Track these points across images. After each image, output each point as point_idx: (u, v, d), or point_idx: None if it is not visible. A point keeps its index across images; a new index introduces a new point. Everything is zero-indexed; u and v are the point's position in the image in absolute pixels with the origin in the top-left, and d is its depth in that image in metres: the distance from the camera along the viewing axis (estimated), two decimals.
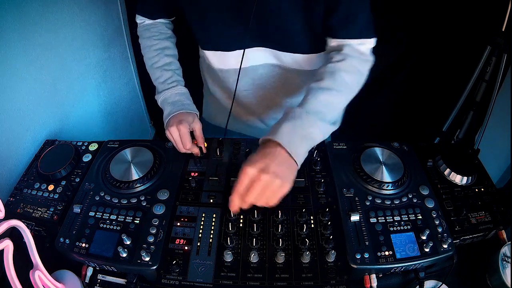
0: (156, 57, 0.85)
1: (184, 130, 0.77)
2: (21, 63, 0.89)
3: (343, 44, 0.74)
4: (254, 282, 0.64)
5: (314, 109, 0.66)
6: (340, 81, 0.70)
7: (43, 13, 0.95)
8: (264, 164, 0.60)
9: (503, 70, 1.19)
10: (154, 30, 0.88)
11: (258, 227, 0.71)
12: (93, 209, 0.74)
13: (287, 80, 0.89)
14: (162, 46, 0.87)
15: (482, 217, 0.74)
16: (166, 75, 0.84)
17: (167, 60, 0.86)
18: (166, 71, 0.84)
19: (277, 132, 0.63)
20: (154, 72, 0.85)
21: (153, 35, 0.87)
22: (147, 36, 0.88)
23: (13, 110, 0.88)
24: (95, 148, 0.89)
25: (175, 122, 0.78)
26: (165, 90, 0.83)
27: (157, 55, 0.85)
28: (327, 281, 0.64)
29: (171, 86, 0.83)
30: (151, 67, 0.86)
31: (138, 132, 1.77)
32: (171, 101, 0.82)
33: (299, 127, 0.64)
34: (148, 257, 0.66)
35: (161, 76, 0.84)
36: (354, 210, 0.72)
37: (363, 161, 0.79)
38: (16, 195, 0.79)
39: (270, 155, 0.61)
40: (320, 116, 0.66)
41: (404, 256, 0.66)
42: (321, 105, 0.67)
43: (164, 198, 0.76)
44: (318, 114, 0.66)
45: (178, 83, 0.84)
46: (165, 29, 0.90)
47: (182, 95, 0.84)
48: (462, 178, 0.79)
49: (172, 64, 0.86)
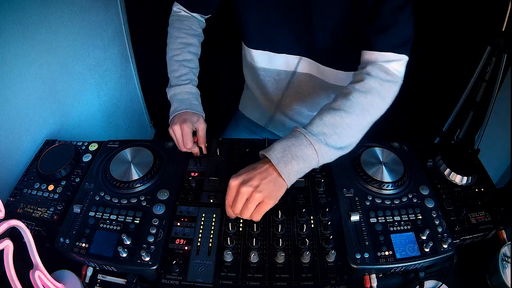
0: (178, 49, 0.85)
1: (187, 130, 0.78)
2: (21, 63, 0.89)
3: (368, 61, 0.70)
4: (254, 282, 0.64)
5: (316, 130, 0.63)
6: (351, 102, 0.65)
7: (43, 13, 0.95)
8: (247, 177, 0.61)
9: (503, 70, 1.19)
10: (186, 23, 0.88)
11: (258, 227, 0.71)
12: (93, 209, 0.74)
13: (323, 92, 0.90)
14: (188, 41, 0.87)
15: (482, 217, 0.74)
16: (182, 70, 0.84)
17: (188, 56, 0.86)
18: (184, 66, 0.84)
19: (270, 148, 0.63)
20: (173, 64, 0.85)
21: (183, 27, 0.87)
22: (177, 27, 0.88)
23: (13, 110, 0.88)
24: (95, 148, 0.89)
25: (179, 120, 0.78)
26: (177, 85, 0.83)
27: (180, 49, 0.86)
28: (327, 281, 0.64)
29: (184, 83, 0.83)
30: (171, 58, 0.86)
31: (138, 132, 1.77)
32: (180, 98, 0.82)
33: (293, 146, 0.62)
34: (148, 257, 0.66)
35: (177, 70, 0.84)
36: (354, 210, 0.72)
37: (363, 161, 0.79)
38: (16, 195, 0.79)
39: (257, 170, 0.62)
40: (321, 137, 0.62)
41: (404, 256, 0.66)
42: (325, 126, 0.63)
43: (164, 198, 0.76)
44: (319, 136, 0.62)
45: (191, 81, 0.85)
46: (197, 26, 0.90)
47: (192, 94, 0.84)
48: (462, 178, 0.79)
49: (192, 62, 0.86)
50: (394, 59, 0.68)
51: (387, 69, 0.68)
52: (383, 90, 0.68)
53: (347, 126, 0.64)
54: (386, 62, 0.68)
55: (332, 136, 0.63)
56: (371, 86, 0.66)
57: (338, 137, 0.64)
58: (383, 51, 0.68)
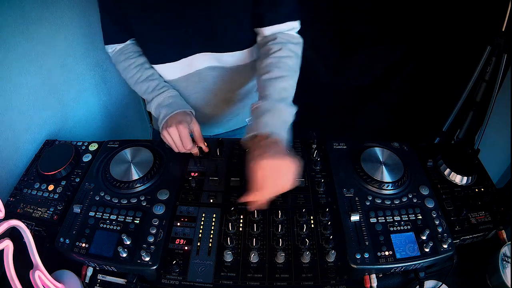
0: (137, 73, 0.86)
1: (185, 131, 0.77)
2: (21, 63, 0.89)
3: (275, 32, 0.79)
4: (254, 282, 0.64)
5: (278, 97, 0.72)
6: (286, 67, 0.75)
7: (43, 13, 0.95)
8: (267, 153, 0.63)
9: (503, 70, 1.19)
10: (128, 51, 0.89)
11: (258, 227, 0.71)
12: (93, 209, 0.74)
13: (228, 77, 0.92)
14: (140, 62, 0.87)
15: (482, 217, 0.74)
16: (152, 84, 0.85)
17: (149, 72, 0.86)
18: (151, 81, 0.85)
19: (261, 125, 0.68)
20: (141, 86, 0.86)
21: (128, 56, 0.88)
22: (123, 59, 0.88)
23: (13, 110, 0.88)
24: (95, 148, 0.89)
25: (173, 122, 0.77)
26: (156, 96, 0.83)
27: (138, 71, 0.86)
28: (327, 281, 0.64)
29: (162, 91, 0.84)
30: (135, 83, 0.86)
31: (138, 132, 1.77)
32: (166, 104, 0.82)
33: (277, 115, 0.69)
34: (148, 257, 0.66)
35: (148, 87, 0.85)
36: (354, 210, 0.72)
37: (363, 161, 0.79)
38: (16, 195, 0.79)
39: (267, 146, 0.64)
40: (285, 101, 0.72)
41: (404, 256, 0.66)
42: (281, 92, 0.73)
43: (164, 198, 0.76)
44: (283, 100, 0.72)
45: (167, 87, 0.85)
46: (138, 48, 0.90)
47: (176, 97, 0.85)
48: (462, 178, 0.79)
49: (155, 75, 0.87)
50: (293, 26, 0.80)
51: (292, 35, 0.80)
52: (297, 51, 0.80)
53: (291, 86, 0.76)
54: (289, 30, 0.80)
55: (289, 97, 0.74)
56: (291, 51, 0.77)
57: (291, 98, 0.75)
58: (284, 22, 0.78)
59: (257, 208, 0.69)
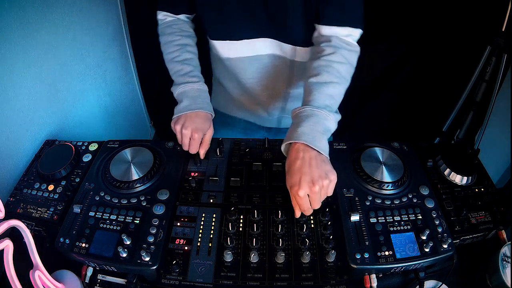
0: (177, 51, 0.85)
1: (197, 138, 0.78)
2: (21, 63, 0.89)
3: (331, 35, 0.76)
4: (254, 282, 0.64)
5: (323, 103, 0.70)
6: (336, 73, 0.73)
7: (43, 13, 0.95)
8: (306, 176, 0.63)
9: (503, 70, 1.19)
10: (176, 27, 0.88)
11: (258, 227, 0.71)
12: (93, 209, 0.74)
13: (287, 70, 0.91)
14: (184, 42, 0.86)
15: (482, 217, 0.74)
16: (187, 68, 0.83)
17: (188, 56, 0.85)
18: (187, 65, 0.83)
19: (298, 134, 0.66)
20: (174, 65, 0.84)
21: (175, 31, 0.87)
22: (169, 32, 0.87)
23: (13, 110, 0.88)
24: (95, 148, 0.89)
25: (191, 126, 0.77)
26: (185, 83, 0.81)
27: (178, 50, 0.85)
28: (327, 281, 0.64)
29: (193, 80, 0.82)
30: (171, 60, 0.85)
31: (138, 132, 1.77)
32: (192, 95, 0.81)
33: (316, 123, 0.67)
34: (148, 257, 0.66)
35: (181, 69, 0.83)
36: (354, 210, 0.72)
37: (363, 161, 0.79)
38: (16, 195, 0.79)
39: (305, 162, 0.64)
40: (329, 108, 0.70)
41: (404, 256, 0.66)
42: (327, 98, 0.71)
43: (164, 198, 0.76)
44: (327, 108, 0.70)
45: (199, 79, 0.84)
46: (187, 27, 0.90)
47: (204, 92, 0.84)
48: (462, 178, 0.79)
49: (193, 61, 0.86)
50: (352, 33, 0.77)
51: (348, 42, 0.77)
52: (351, 59, 0.77)
53: (339, 94, 0.74)
54: (347, 36, 0.77)
55: (334, 105, 0.72)
56: (345, 57, 0.75)
57: (336, 105, 0.73)
58: (343, 26, 0.76)
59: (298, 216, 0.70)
